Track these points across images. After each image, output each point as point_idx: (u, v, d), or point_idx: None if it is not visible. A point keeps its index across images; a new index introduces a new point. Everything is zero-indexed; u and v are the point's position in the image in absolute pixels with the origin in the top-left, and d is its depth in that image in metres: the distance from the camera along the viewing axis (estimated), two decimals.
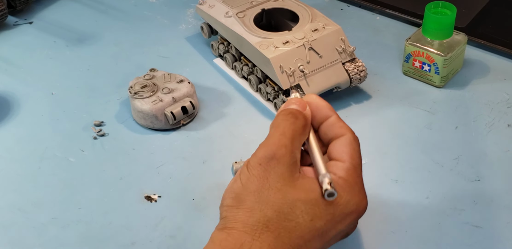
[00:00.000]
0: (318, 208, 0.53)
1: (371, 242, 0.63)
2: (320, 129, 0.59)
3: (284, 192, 0.53)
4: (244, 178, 0.54)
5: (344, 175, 0.54)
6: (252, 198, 0.53)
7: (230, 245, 0.51)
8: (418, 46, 0.77)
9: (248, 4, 0.80)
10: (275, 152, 0.54)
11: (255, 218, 0.52)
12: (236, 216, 0.53)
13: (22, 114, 0.79)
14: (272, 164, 0.53)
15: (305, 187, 0.53)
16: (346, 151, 0.56)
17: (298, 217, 0.52)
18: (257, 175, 0.53)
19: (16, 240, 0.65)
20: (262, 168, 0.53)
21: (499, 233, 0.64)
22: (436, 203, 0.66)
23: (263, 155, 0.54)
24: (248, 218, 0.52)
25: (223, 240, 0.52)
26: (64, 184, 0.70)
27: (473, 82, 0.81)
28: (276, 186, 0.53)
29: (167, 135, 0.76)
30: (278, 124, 0.56)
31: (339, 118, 0.58)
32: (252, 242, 0.51)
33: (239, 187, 0.54)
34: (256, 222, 0.52)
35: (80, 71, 0.85)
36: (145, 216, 0.67)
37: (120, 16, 0.95)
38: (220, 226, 0.54)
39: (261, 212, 0.52)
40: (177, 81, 0.76)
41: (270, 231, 0.52)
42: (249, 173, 0.54)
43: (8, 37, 0.92)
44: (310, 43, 0.74)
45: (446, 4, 0.76)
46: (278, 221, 0.52)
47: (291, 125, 0.55)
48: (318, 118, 0.58)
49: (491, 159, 0.71)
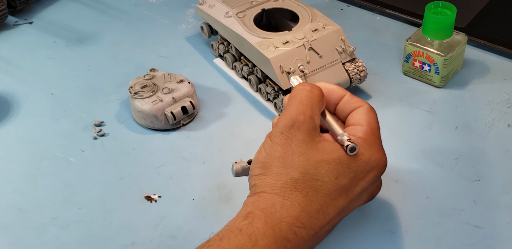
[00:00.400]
0: (341, 166, 0.56)
1: (371, 242, 0.63)
2: (337, 109, 0.62)
3: (308, 155, 0.56)
4: (268, 147, 0.57)
5: (362, 135, 0.58)
6: (278, 164, 0.56)
7: (262, 205, 0.55)
8: (418, 46, 0.77)
9: (248, 4, 0.80)
10: (294, 120, 0.57)
11: (282, 181, 0.56)
12: (264, 181, 0.56)
13: (22, 114, 0.79)
14: (293, 131, 0.57)
15: (327, 148, 0.57)
16: (364, 117, 0.60)
17: (324, 176, 0.56)
18: (280, 143, 0.57)
19: (16, 240, 0.65)
20: (284, 136, 0.57)
21: (499, 233, 0.64)
22: (436, 203, 0.66)
23: (284, 124, 0.57)
24: (276, 181, 0.56)
25: (255, 202, 0.56)
26: (64, 184, 0.70)
27: (473, 82, 0.81)
28: (299, 150, 0.56)
29: (167, 135, 0.76)
30: (295, 95, 0.59)
31: (353, 95, 0.62)
32: (283, 202, 0.55)
33: (264, 156, 0.57)
34: (284, 184, 0.55)
35: (80, 71, 0.85)
36: (145, 216, 0.67)
37: (120, 16, 0.95)
38: (251, 194, 0.57)
39: (288, 175, 0.56)
40: (177, 81, 0.76)
41: (298, 191, 0.55)
42: (272, 142, 0.57)
43: (8, 37, 0.92)
44: (310, 43, 0.74)
45: (446, 4, 0.76)
46: (305, 182, 0.55)
47: (308, 93, 0.59)
48: (333, 100, 0.61)
49: (491, 159, 0.71)
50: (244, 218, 0.55)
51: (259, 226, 0.54)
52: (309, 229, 0.55)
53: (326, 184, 0.56)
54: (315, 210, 0.55)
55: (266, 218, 0.54)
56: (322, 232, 0.57)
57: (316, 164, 0.56)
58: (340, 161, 0.56)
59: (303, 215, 0.55)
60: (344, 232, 0.64)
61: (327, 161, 0.56)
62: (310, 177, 0.56)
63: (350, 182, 0.57)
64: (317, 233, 0.56)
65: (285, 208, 0.55)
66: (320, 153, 0.56)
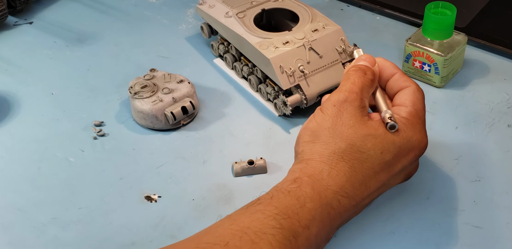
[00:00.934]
0: (386, 142, 0.59)
1: (371, 242, 0.63)
2: (386, 86, 0.65)
3: (356, 128, 0.59)
4: (319, 118, 0.61)
5: (406, 116, 0.61)
6: (327, 133, 0.59)
7: (310, 171, 0.58)
8: (418, 46, 0.77)
9: (248, 4, 0.80)
10: (347, 96, 0.60)
11: (330, 150, 0.58)
12: (312, 149, 0.59)
13: (22, 114, 0.79)
14: (345, 105, 0.60)
15: (374, 125, 0.60)
16: (409, 98, 0.62)
17: (370, 149, 0.59)
18: (331, 114, 0.60)
19: (16, 240, 0.65)
20: (336, 108, 0.60)
21: (499, 233, 0.64)
22: (436, 203, 0.66)
23: (337, 98, 0.61)
24: (324, 150, 0.59)
25: (303, 169, 0.58)
26: (64, 184, 0.70)
27: (473, 82, 0.81)
28: (349, 123, 0.59)
29: (167, 135, 0.76)
30: (349, 76, 0.62)
31: (404, 74, 0.64)
32: (330, 170, 0.58)
33: (314, 126, 0.60)
34: (332, 153, 0.58)
35: (80, 71, 0.85)
36: (145, 216, 0.67)
37: (120, 16, 0.95)
38: (298, 160, 0.60)
39: (336, 145, 0.59)
40: (177, 81, 0.76)
41: (344, 161, 0.58)
42: (323, 113, 0.61)
43: (8, 37, 0.92)
44: (310, 44, 0.74)
45: (446, 4, 0.76)
46: (352, 153, 0.58)
47: (361, 77, 0.62)
48: (384, 77, 0.64)
49: (491, 159, 0.71)
50: (292, 182, 0.57)
51: (307, 191, 0.56)
52: (351, 199, 0.58)
53: (371, 157, 0.59)
54: (358, 181, 0.58)
55: (314, 184, 0.57)
56: (362, 204, 0.60)
57: (364, 137, 0.59)
58: (385, 137, 0.59)
59: (347, 185, 0.58)
60: (345, 233, 0.63)
61: (373, 135, 0.59)
62: (357, 149, 0.58)
63: (393, 158, 0.59)
64: (358, 204, 0.59)
65: (332, 177, 0.57)
66: (368, 128, 0.59)
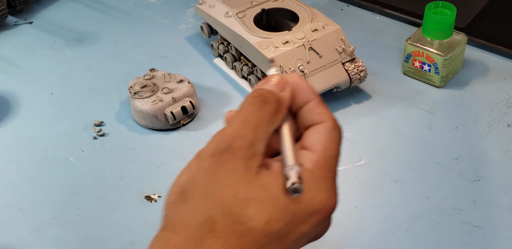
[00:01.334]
0: (276, 208, 0.43)
1: (371, 242, 0.63)
2: (298, 114, 0.48)
3: (236, 190, 0.43)
4: (193, 170, 0.46)
5: (311, 167, 0.45)
6: (198, 195, 0.44)
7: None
8: (418, 46, 0.77)
9: (248, 4, 0.80)
10: (230, 143, 0.44)
11: (198, 219, 0.43)
12: (178, 214, 0.45)
13: (22, 114, 0.79)
14: (225, 157, 0.44)
15: (263, 183, 0.44)
16: (321, 140, 0.46)
17: (251, 219, 0.43)
18: (207, 167, 0.44)
19: (16, 240, 0.65)
20: (213, 160, 0.44)
21: (499, 233, 0.64)
22: (436, 203, 0.66)
23: (216, 145, 0.45)
24: (191, 219, 0.44)
25: (163, 246, 0.45)
26: (64, 184, 0.70)
27: (473, 82, 0.81)
28: (227, 182, 0.44)
29: (167, 135, 0.76)
30: (242, 109, 0.46)
31: (321, 103, 0.48)
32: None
33: (185, 181, 0.46)
34: (199, 224, 0.43)
35: (80, 71, 0.85)
36: (145, 216, 0.67)
37: (120, 16, 0.95)
38: (161, 227, 0.46)
39: (206, 213, 0.43)
40: (177, 81, 0.76)
41: (215, 236, 0.43)
42: (198, 164, 0.45)
43: (8, 37, 0.92)
44: (310, 43, 0.74)
45: (446, 4, 0.76)
46: (226, 225, 0.43)
47: (257, 111, 0.45)
48: (297, 101, 0.48)
49: (491, 159, 0.71)
50: None
51: None
52: None
53: (254, 229, 0.43)
54: None
55: None
56: None
57: (244, 203, 0.43)
58: (275, 200, 0.43)
59: None
60: (344, 233, 0.64)
61: (258, 199, 0.43)
62: (234, 219, 0.43)
63: (285, 227, 0.44)
64: None
65: None
66: (252, 189, 0.43)
